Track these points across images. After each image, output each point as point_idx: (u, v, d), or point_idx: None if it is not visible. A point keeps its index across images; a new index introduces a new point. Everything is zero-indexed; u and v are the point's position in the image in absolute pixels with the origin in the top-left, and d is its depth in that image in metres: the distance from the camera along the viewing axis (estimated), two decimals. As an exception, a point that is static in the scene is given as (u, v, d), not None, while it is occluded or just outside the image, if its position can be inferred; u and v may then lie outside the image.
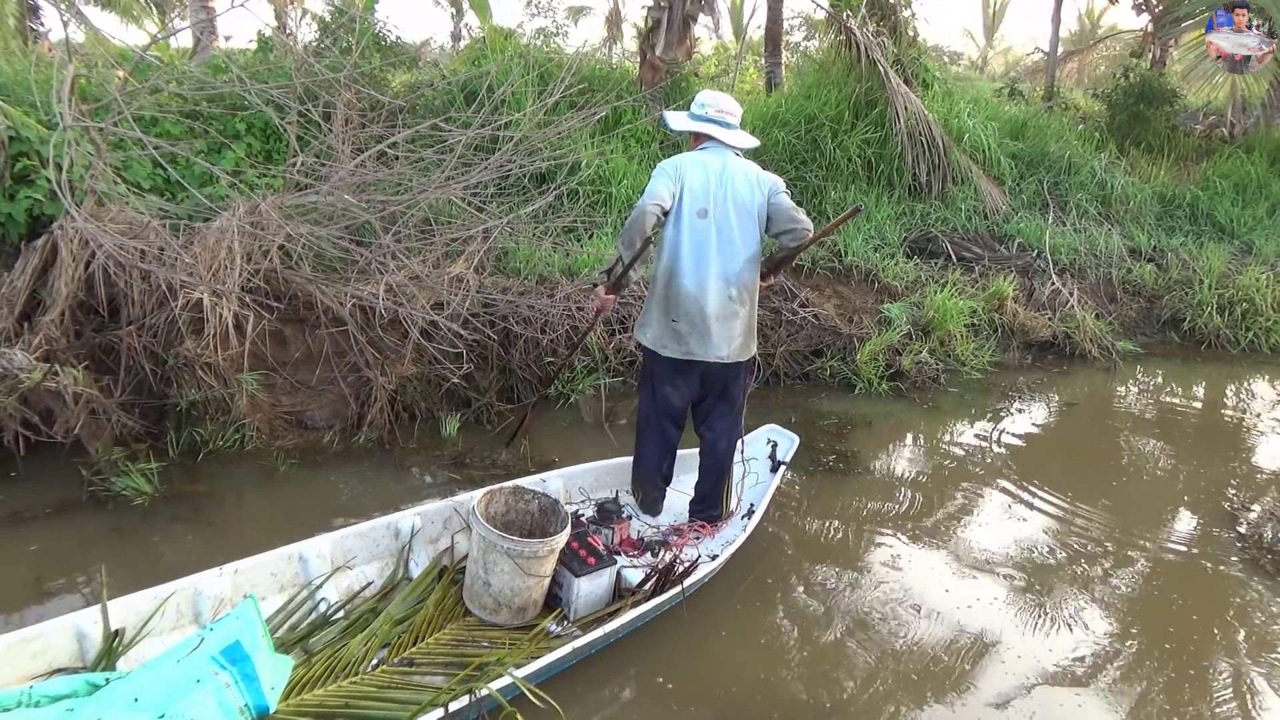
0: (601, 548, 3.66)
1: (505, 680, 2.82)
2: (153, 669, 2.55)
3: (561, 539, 3.37)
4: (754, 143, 4.14)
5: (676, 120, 4.06)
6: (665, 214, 3.78)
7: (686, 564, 3.63)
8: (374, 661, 3.08)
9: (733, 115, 4.00)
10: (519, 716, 2.80)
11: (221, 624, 2.69)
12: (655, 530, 4.20)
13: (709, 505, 4.28)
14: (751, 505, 4.33)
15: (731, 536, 4.04)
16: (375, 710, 2.80)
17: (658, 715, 3.19)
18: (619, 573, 3.65)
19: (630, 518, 4.15)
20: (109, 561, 3.93)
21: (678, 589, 3.52)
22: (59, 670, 2.70)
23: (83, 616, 2.79)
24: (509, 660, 3.02)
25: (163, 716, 2.38)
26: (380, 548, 3.61)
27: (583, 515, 4.09)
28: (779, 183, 3.97)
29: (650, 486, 4.27)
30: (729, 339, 3.90)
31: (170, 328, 4.88)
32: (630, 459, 4.39)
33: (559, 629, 3.41)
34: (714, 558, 3.85)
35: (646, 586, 3.56)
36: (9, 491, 4.34)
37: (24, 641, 2.63)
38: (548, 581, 3.44)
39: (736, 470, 4.38)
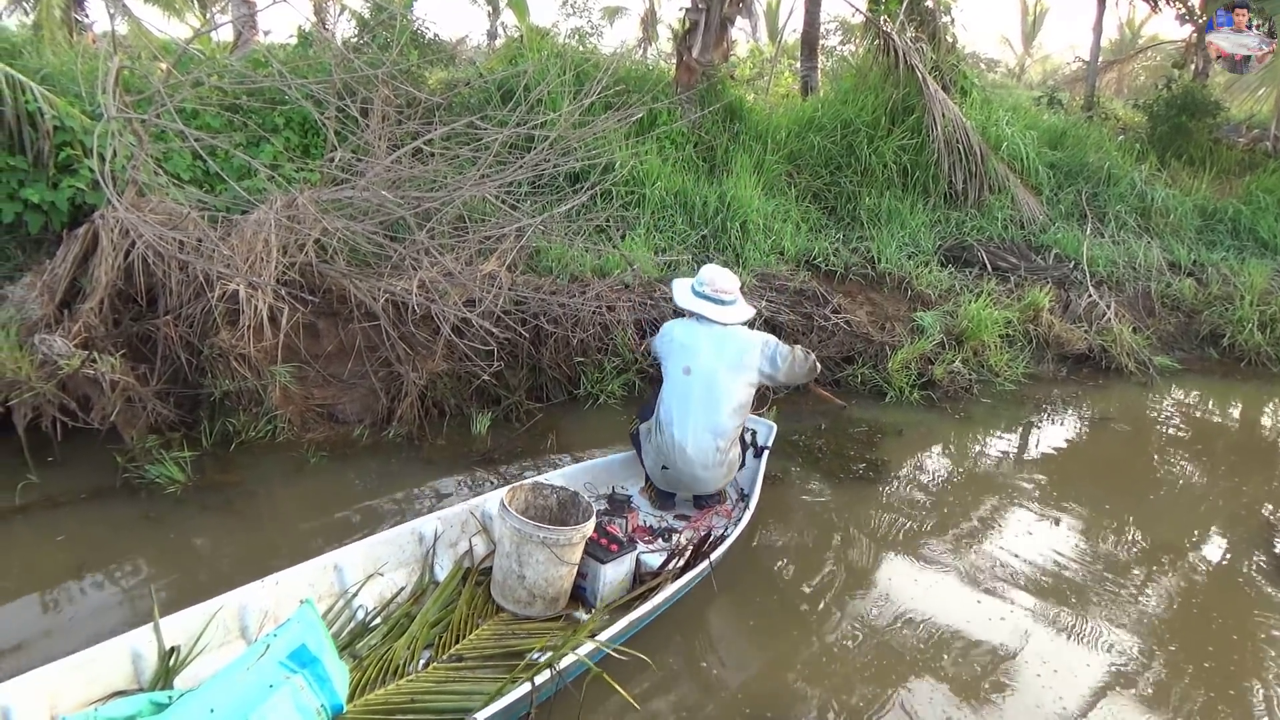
0: (621, 535, 3.84)
1: (587, 648, 2.97)
2: (222, 680, 2.52)
3: (591, 524, 3.48)
4: (750, 314, 4.48)
5: (681, 295, 4.46)
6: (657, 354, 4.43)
7: (715, 538, 3.88)
8: (421, 662, 3.12)
9: (729, 293, 4.37)
10: (606, 676, 2.97)
11: (284, 629, 2.68)
12: (659, 517, 4.39)
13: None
14: (743, 490, 4.62)
15: (736, 518, 4.27)
16: (444, 701, 2.84)
17: (705, 696, 3.26)
18: (638, 558, 3.77)
19: (638, 508, 4.39)
20: (142, 549, 3.99)
21: (706, 563, 3.67)
22: (116, 693, 2.65)
23: (136, 637, 2.76)
24: (585, 630, 3.19)
25: None
26: (406, 554, 3.65)
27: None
28: (771, 339, 4.39)
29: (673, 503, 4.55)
30: (714, 481, 4.29)
31: (206, 318, 4.93)
32: (622, 455, 4.78)
33: (588, 617, 3.48)
34: (721, 538, 3.98)
35: (676, 564, 3.67)
36: (46, 476, 4.40)
37: (78, 666, 2.58)
38: (575, 571, 3.52)
39: None
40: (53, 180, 5.73)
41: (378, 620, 3.32)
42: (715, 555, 3.72)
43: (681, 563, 3.67)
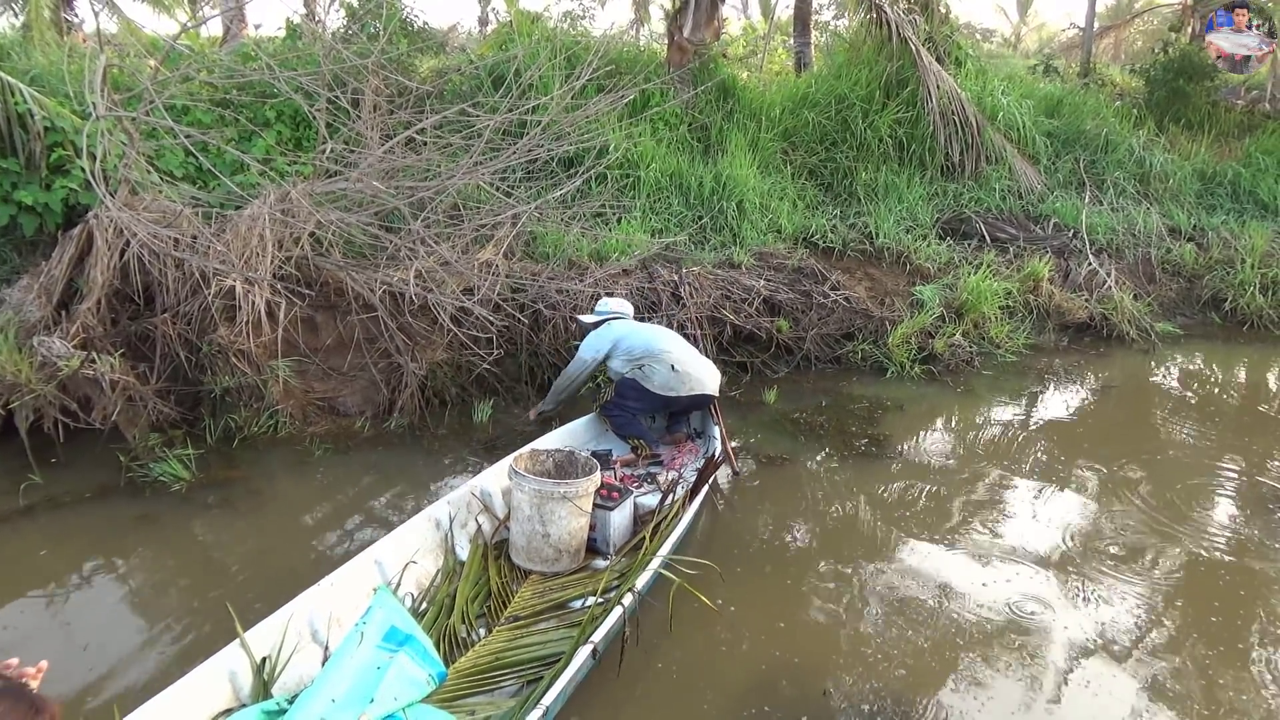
0: (617, 483, 4.13)
1: (654, 567, 3.39)
2: (331, 673, 2.59)
3: (599, 473, 3.77)
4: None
5: (601, 309, 5.26)
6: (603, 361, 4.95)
7: (717, 460, 4.41)
8: (482, 630, 3.27)
9: (626, 311, 5.30)
10: (687, 585, 3.27)
11: (369, 616, 2.78)
12: (636, 466, 4.76)
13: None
14: (696, 429, 5.19)
15: (703, 448, 4.92)
16: (525, 654, 3.01)
17: (735, 636, 3.43)
18: (635, 502, 4.06)
19: (617, 461, 4.72)
20: (148, 547, 4.00)
21: (704, 488, 4.15)
22: (222, 713, 2.64)
23: (227, 656, 2.76)
24: (655, 548, 3.54)
25: (373, 701, 2.49)
26: (429, 540, 3.74)
27: None
28: None
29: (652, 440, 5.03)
30: (716, 377, 4.96)
31: (204, 315, 4.93)
32: (584, 418, 5.17)
33: (607, 563, 3.76)
34: (697, 470, 4.41)
35: (678, 495, 4.12)
36: (49, 477, 4.42)
37: (181, 694, 2.56)
38: (589, 521, 3.74)
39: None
40: (45, 182, 5.71)
41: (425, 604, 3.43)
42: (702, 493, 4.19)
43: (697, 480, 4.16)
